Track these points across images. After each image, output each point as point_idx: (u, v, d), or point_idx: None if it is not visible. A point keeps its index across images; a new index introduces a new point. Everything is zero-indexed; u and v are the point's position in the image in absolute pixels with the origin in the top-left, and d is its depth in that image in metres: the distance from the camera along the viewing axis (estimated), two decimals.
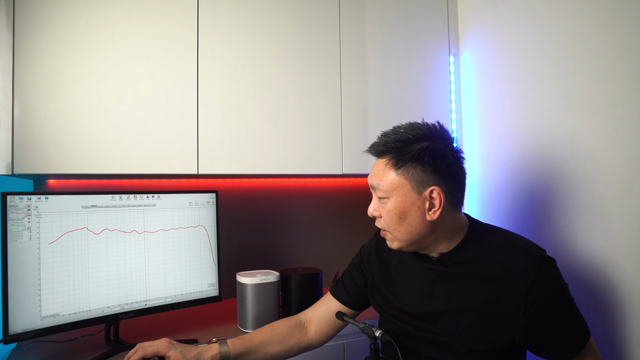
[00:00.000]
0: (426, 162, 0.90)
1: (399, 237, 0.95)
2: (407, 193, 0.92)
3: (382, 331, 0.93)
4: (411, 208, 0.92)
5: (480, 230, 0.98)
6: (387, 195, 0.94)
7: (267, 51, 1.38)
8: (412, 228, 0.93)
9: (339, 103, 1.46)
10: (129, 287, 1.17)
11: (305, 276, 1.28)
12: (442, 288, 0.96)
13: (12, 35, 1.10)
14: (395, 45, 1.56)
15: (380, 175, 0.94)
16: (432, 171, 0.91)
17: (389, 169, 0.94)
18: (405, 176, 0.92)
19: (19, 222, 1.01)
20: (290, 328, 1.08)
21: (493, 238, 0.95)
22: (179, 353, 0.93)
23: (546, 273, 0.89)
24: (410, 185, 0.92)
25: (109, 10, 1.20)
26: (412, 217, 0.92)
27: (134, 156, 1.21)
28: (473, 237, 0.96)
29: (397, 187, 0.93)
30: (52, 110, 1.14)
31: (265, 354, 1.03)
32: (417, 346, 0.98)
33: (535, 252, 0.91)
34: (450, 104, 1.67)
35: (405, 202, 0.92)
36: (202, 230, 1.30)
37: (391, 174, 0.93)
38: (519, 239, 0.96)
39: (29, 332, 1.01)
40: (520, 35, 1.42)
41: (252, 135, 1.34)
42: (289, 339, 1.07)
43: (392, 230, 0.95)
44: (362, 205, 1.93)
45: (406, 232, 0.94)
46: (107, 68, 1.19)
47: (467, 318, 0.92)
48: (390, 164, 0.93)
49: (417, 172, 0.91)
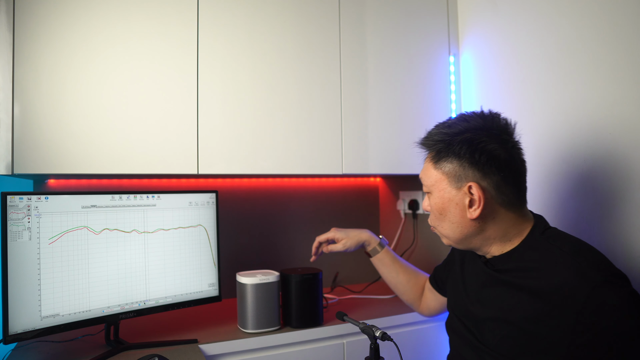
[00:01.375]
0: (462, 156, 0.85)
1: (444, 234, 0.93)
2: (444, 188, 0.89)
3: (382, 331, 0.93)
4: (449, 204, 0.89)
5: (542, 236, 0.86)
6: (429, 190, 0.93)
7: (267, 51, 1.38)
8: (453, 225, 0.89)
9: (339, 103, 1.47)
10: (129, 287, 1.17)
11: (305, 276, 1.28)
12: (489, 292, 0.90)
13: (12, 35, 1.10)
14: (395, 45, 1.56)
15: (423, 170, 0.94)
16: (470, 165, 0.85)
17: (428, 164, 0.92)
18: (442, 171, 0.89)
19: (19, 222, 1.01)
20: (419, 286, 1.30)
21: (552, 247, 0.83)
22: (342, 232, 1.33)
23: (602, 301, 0.71)
24: (448, 181, 0.88)
25: (108, 10, 1.20)
26: (452, 214, 0.89)
27: (134, 156, 1.21)
28: (531, 242, 0.86)
29: (435, 182, 0.90)
30: (52, 110, 1.14)
31: (392, 277, 1.31)
32: (462, 347, 0.96)
33: (595, 272, 0.74)
34: (450, 104, 1.67)
35: (444, 198, 0.89)
36: (202, 230, 1.30)
37: (431, 169, 0.91)
38: (583, 252, 0.80)
39: (29, 332, 1.01)
40: (520, 35, 1.42)
41: (252, 135, 1.34)
42: (411, 290, 1.30)
43: (436, 226, 0.94)
44: (362, 205, 1.93)
45: (449, 229, 0.91)
46: (107, 68, 1.19)
47: (504, 330, 0.84)
48: (429, 158, 0.92)
49: (454, 166, 0.87)
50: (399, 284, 1.31)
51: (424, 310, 1.30)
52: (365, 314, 1.41)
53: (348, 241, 1.31)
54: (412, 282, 1.30)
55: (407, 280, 1.30)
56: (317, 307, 1.30)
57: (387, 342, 0.94)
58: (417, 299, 1.30)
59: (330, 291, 1.73)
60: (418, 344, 1.40)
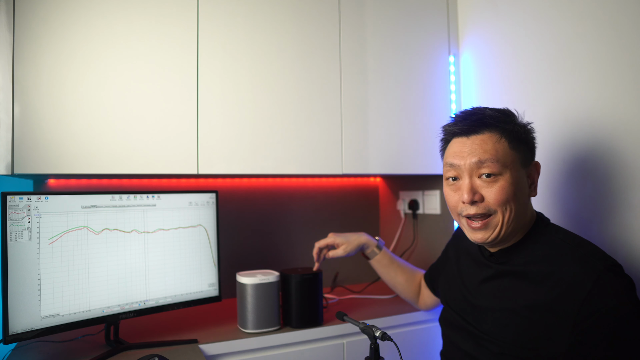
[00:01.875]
0: (530, 141, 0.93)
1: (508, 218, 0.88)
2: (518, 169, 0.90)
3: (382, 331, 0.93)
4: (521, 184, 0.89)
5: (544, 228, 0.92)
6: (500, 171, 0.87)
7: (267, 51, 1.38)
8: (521, 207, 0.89)
9: (339, 103, 1.47)
10: (129, 287, 1.17)
11: (305, 276, 1.28)
12: (492, 284, 0.93)
13: (12, 35, 1.10)
14: (395, 45, 1.56)
15: (490, 150, 0.88)
16: (530, 150, 0.93)
17: (502, 143, 0.89)
18: (517, 151, 0.90)
19: (19, 222, 1.01)
20: (416, 284, 1.35)
21: (553, 239, 0.88)
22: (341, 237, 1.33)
23: (607, 287, 0.76)
24: (520, 162, 0.90)
25: (108, 10, 1.20)
26: (523, 193, 0.90)
27: (134, 156, 1.21)
28: (535, 234, 0.91)
29: (512, 161, 0.89)
30: (52, 110, 1.14)
31: (391, 278, 1.34)
32: (460, 339, 0.98)
33: (597, 263, 0.79)
34: (450, 104, 1.67)
35: (517, 178, 0.89)
36: (202, 230, 1.30)
37: (506, 149, 0.89)
38: (584, 244, 0.85)
39: (29, 332, 1.01)
40: (520, 35, 1.42)
41: (252, 135, 1.34)
42: (409, 288, 1.34)
43: (503, 210, 0.87)
44: (362, 205, 1.93)
45: (515, 213, 0.88)
46: (107, 68, 1.19)
47: (507, 319, 0.86)
48: (503, 138, 0.89)
49: (524, 149, 0.91)
50: (398, 284, 1.35)
51: (422, 306, 1.36)
52: (365, 314, 1.41)
53: (348, 246, 1.33)
54: (410, 280, 1.35)
55: (405, 279, 1.34)
56: (317, 307, 1.30)
57: (387, 342, 0.94)
58: (416, 296, 1.36)
59: (330, 291, 1.73)
60: (418, 344, 1.40)
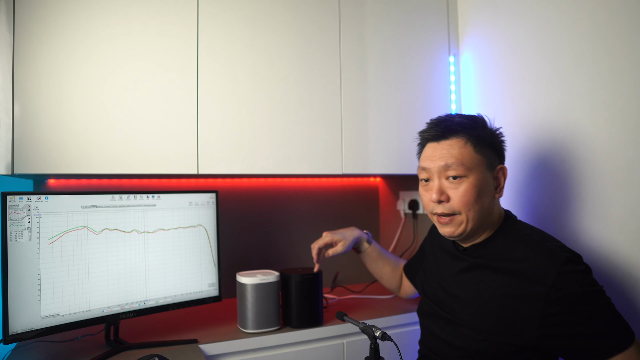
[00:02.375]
0: (496, 145, 1.00)
1: (472, 217, 0.96)
2: (483, 171, 0.97)
3: (382, 331, 0.93)
4: (485, 186, 0.97)
5: (512, 225, 1.00)
6: (465, 174, 0.96)
7: (267, 51, 1.38)
8: (484, 207, 0.97)
9: (339, 103, 1.47)
10: (129, 287, 1.17)
11: (305, 276, 1.28)
12: (467, 276, 1.00)
13: (12, 35, 1.10)
14: (395, 45, 1.56)
15: (456, 155, 0.97)
16: (497, 154, 1.01)
17: (467, 148, 0.97)
18: (482, 155, 0.98)
19: (19, 222, 1.01)
20: (399, 273, 1.41)
21: (521, 234, 0.97)
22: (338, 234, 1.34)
23: (569, 276, 0.86)
24: (485, 165, 0.98)
25: (109, 10, 1.20)
26: (486, 195, 0.97)
27: (134, 156, 1.21)
28: (503, 230, 1.00)
29: (476, 164, 0.97)
30: (52, 110, 1.14)
31: (379, 269, 1.40)
32: (437, 327, 1.05)
33: (560, 254, 0.88)
34: (450, 104, 1.67)
35: (482, 180, 0.97)
36: (202, 230, 1.30)
37: (471, 153, 0.97)
38: (548, 239, 0.95)
39: (29, 332, 1.01)
40: (520, 35, 1.42)
41: (252, 135, 1.34)
42: (394, 278, 1.41)
43: (466, 211, 0.96)
44: (362, 205, 1.93)
45: (478, 212, 0.97)
46: (107, 68, 1.19)
47: (482, 307, 0.95)
48: (469, 143, 0.97)
49: (490, 152, 0.99)
50: (384, 275, 1.42)
51: (403, 294, 1.44)
52: (365, 314, 1.41)
53: (346, 242, 1.34)
54: (395, 270, 1.42)
55: (391, 270, 1.41)
56: (317, 307, 1.30)
57: (387, 342, 0.94)
58: (398, 285, 1.43)
59: (330, 291, 1.73)
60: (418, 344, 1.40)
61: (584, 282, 0.86)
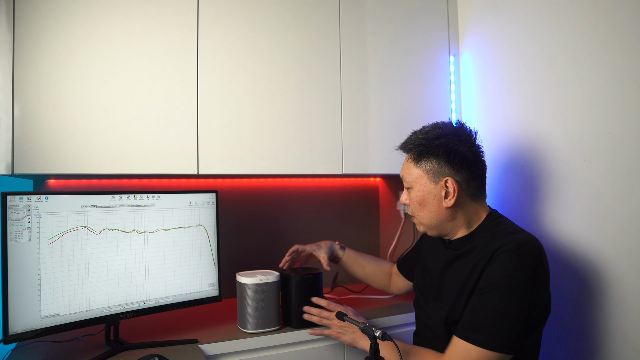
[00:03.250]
0: (440, 156, 1.05)
1: (422, 222, 1.11)
2: (425, 183, 1.07)
3: (382, 331, 0.93)
4: (429, 196, 1.07)
5: (494, 221, 1.07)
6: (411, 186, 1.10)
7: (267, 51, 1.38)
8: (431, 214, 1.07)
9: (339, 103, 1.46)
10: (129, 287, 1.17)
11: (305, 276, 1.28)
12: (452, 268, 1.08)
13: (12, 35, 1.10)
14: (395, 45, 1.56)
15: (405, 169, 1.11)
16: (447, 164, 1.04)
17: (410, 163, 1.10)
18: (423, 169, 1.07)
19: (19, 222, 1.01)
20: (385, 272, 1.45)
21: (496, 228, 1.04)
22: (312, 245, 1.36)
23: (503, 256, 0.94)
24: (428, 177, 1.06)
25: (109, 10, 1.20)
26: (431, 204, 1.07)
27: (134, 156, 1.21)
28: (484, 226, 1.07)
29: (417, 178, 1.08)
30: (52, 110, 1.14)
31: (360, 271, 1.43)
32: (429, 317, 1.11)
33: (512, 240, 0.95)
34: (450, 104, 1.67)
35: (424, 191, 1.07)
36: (202, 230, 1.30)
37: (412, 168, 1.09)
38: (519, 231, 1.02)
39: (29, 332, 1.01)
40: (520, 35, 1.42)
41: (252, 135, 1.34)
42: (380, 277, 1.44)
43: (416, 215, 1.11)
44: (362, 205, 1.93)
45: (427, 217, 1.09)
46: (107, 68, 1.19)
47: (454, 293, 1.03)
48: (411, 158, 1.10)
49: (433, 165, 1.06)
50: (368, 276, 1.44)
51: (394, 291, 1.47)
52: (365, 314, 1.41)
53: (321, 249, 1.35)
54: (378, 270, 1.45)
55: (372, 270, 1.44)
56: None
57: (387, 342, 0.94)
58: (387, 284, 1.46)
59: (330, 291, 1.73)
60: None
61: (514, 265, 0.92)
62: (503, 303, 0.91)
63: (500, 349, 0.90)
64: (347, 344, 1.17)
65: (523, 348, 0.92)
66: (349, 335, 1.16)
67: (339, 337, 1.18)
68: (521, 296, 0.91)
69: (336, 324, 1.19)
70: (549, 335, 1.30)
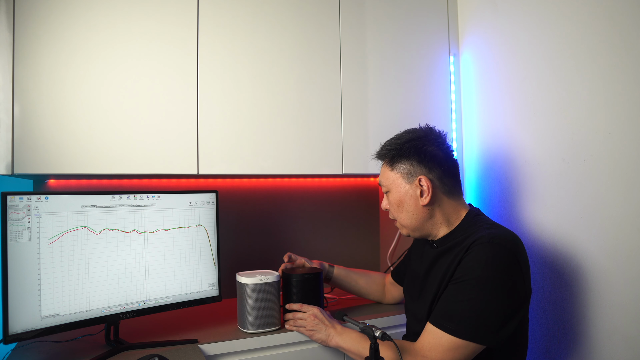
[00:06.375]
0: (412, 157, 1.10)
1: (404, 223, 1.13)
2: (401, 184, 1.11)
3: (382, 331, 0.93)
4: (405, 197, 1.11)
5: (473, 218, 1.10)
6: (388, 189, 1.14)
7: (267, 51, 1.38)
8: (410, 214, 1.11)
9: (339, 103, 1.46)
10: (129, 287, 1.17)
11: (305, 276, 1.28)
12: (436, 266, 1.10)
13: (12, 35, 1.10)
14: (395, 45, 1.56)
15: (382, 175, 1.16)
16: (418, 163, 1.09)
17: (385, 168, 1.15)
18: (397, 171, 1.12)
19: (19, 222, 1.01)
20: (378, 284, 1.47)
21: (475, 225, 1.07)
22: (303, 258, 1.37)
23: (476, 247, 0.97)
24: (403, 178, 1.11)
25: (109, 10, 1.20)
26: (408, 204, 1.11)
27: (134, 156, 1.21)
28: (465, 224, 1.10)
29: (393, 181, 1.13)
30: (52, 110, 1.14)
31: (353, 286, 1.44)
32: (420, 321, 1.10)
33: (487, 234, 0.98)
34: (450, 104, 1.67)
35: (401, 192, 1.11)
36: (202, 230, 1.30)
37: (387, 172, 1.14)
38: (496, 226, 1.05)
39: (29, 332, 1.01)
40: (520, 36, 1.42)
41: (252, 135, 1.34)
42: (374, 289, 1.46)
43: (397, 218, 1.14)
44: (362, 205, 1.93)
45: (407, 218, 1.12)
46: (107, 68, 1.19)
47: (435, 287, 1.06)
48: (386, 163, 1.16)
49: (406, 166, 1.11)
50: (362, 289, 1.46)
51: (390, 300, 1.49)
52: (365, 314, 1.41)
53: (308, 259, 1.38)
54: (370, 282, 1.46)
55: (365, 282, 1.46)
56: None
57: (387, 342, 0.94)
58: (382, 294, 1.48)
59: (330, 291, 1.73)
60: None
61: (482, 257, 0.95)
62: (474, 294, 0.94)
63: (471, 337, 0.93)
64: (320, 342, 1.19)
65: (498, 340, 0.93)
66: (322, 333, 1.17)
67: (312, 336, 1.19)
68: (492, 287, 0.93)
69: (310, 322, 1.20)
70: (549, 335, 1.31)
